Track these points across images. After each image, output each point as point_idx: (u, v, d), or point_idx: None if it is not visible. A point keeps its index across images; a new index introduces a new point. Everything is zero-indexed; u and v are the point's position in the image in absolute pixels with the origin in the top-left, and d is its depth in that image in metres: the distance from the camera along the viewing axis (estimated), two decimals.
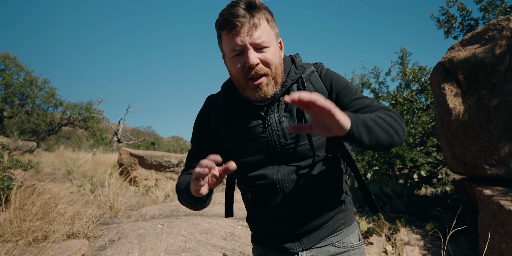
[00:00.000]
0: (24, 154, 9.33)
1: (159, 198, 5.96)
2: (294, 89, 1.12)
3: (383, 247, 3.55)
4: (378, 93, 7.74)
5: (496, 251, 2.86)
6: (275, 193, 1.09)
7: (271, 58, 1.04)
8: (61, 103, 16.08)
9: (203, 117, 1.22)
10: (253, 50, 1.01)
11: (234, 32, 1.00)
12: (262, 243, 1.19)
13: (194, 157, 1.21)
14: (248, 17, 1.00)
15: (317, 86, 1.14)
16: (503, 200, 2.97)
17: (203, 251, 3.02)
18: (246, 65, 1.02)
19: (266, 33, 1.03)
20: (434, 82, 4.03)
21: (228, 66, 1.09)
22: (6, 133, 14.64)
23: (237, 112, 1.14)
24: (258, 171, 1.11)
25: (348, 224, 1.18)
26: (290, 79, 1.11)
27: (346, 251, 1.14)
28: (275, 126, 1.08)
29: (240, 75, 1.04)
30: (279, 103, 1.11)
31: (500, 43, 3.57)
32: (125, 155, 8.04)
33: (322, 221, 1.11)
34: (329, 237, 1.13)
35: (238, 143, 1.13)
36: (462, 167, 3.70)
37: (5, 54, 14.55)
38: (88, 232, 3.52)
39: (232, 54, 1.04)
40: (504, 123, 3.46)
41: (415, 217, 4.55)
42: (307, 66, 1.16)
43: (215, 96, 1.23)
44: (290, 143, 1.08)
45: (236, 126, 1.13)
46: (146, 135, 22.05)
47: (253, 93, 1.06)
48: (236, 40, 1.01)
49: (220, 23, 1.02)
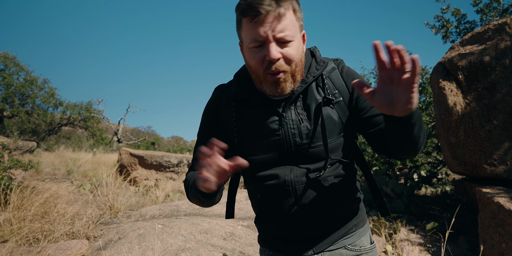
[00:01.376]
0: (24, 154, 9.33)
1: (159, 198, 5.96)
2: (313, 87, 1.05)
3: (383, 247, 3.55)
4: None
5: (496, 251, 2.86)
6: (287, 195, 1.03)
7: (293, 54, 0.96)
8: (61, 103, 16.07)
9: (212, 109, 1.14)
10: (275, 43, 0.93)
11: (257, 20, 0.91)
12: (271, 246, 1.13)
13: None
14: (274, 6, 0.90)
15: (337, 84, 1.06)
16: (503, 200, 2.97)
17: (203, 251, 3.02)
18: (267, 58, 0.94)
19: (291, 26, 0.94)
20: (434, 82, 4.03)
21: (246, 56, 1.01)
22: (6, 133, 14.64)
23: (250, 106, 1.07)
24: (269, 170, 1.05)
25: (360, 226, 1.12)
26: (311, 75, 1.04)
27: (359, 255, 1.09)
28: (291, 124, 1.02)
29: (259, 68, 0.97)
30: (296, 100, 1.03)
31: (500, 43, 3.58)
32: (125, 155, 8.04)
33: (334, 223, 1.06)
34: (342, 239, 1.08)
35: (249, 139, 1.05)
36: (462, 167, 3.70)
37: (5, 54, 14.55)
38: (88, 232, 3.52)
39: (252, 44, 0.95)
40: (504, 123, 3.46)
41: (415, 217, 4.55)
42: (328, 62, 1.08)
43: (226, 87, 1.14)
44: (305, 143, 1.01)
45: (249, 121, 1.06)
46: (146, 135, 22.06)
47: (271, 88, 0.98)
48: (259, 31, 0.92)
49: (242, 8, 0.93)
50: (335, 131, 1.03)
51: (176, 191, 7.40)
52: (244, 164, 0.82)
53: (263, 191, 1.07)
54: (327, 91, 1.03)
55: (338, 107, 1.04)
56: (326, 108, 1.02)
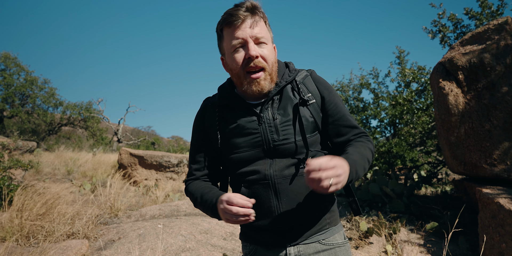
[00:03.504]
0: (24, 154, 9.33)
1: (159, 198, 5.96)
2: (289, 90, 1.19)
3: (383, 247, 3.55)
4: (377, 93, 7.74)
5: (496, 251, 2.86)
6: (267, 188, 1.13)
7: (268, 54, 1.12)
8: (61, 103, 16.08)
9: (199, 120, 1.28)
10: (253, 43, 1.09)
11: (236, 25, 1.08)
12: (251, 239, 1.23)
13: (194, 160, 1.28)
14: (250, 14, 1.09)
15: (310, 88, 1.22)
16: (503, 200, 2.97)
17: (203, 251, 3.02)
18: (246, 57, 1.09)
19: (265, 32, 1.13)
20: (434, 82, 4.03)
21: (228, 62, 1.15)
22: (6, 133, 14.64)
23: (231, 109, 1.20)
24: (250, 166, 1.16)
25: (333, 224, 1.22)
26: (284, 80, 1.19)
27: (332, 248, 1.19)
28: (269, 122, 1.14)
29: (240, 68, 1.11)
30: (273, 102, 1.17)
31: (500, 43, 3.58)
32: (125, 155, 8.04)
33: (310, 217, 1.16)
34: (316, 235, 1.18)
35: (231, 139, 1.17)
36: (462, 167, 3.70)
37: (6, 54, 14.56)
38: (88, 232, 3.52)
39: (232, 48, 1.11)
40: (504, 123, 3.46)
41: (415, 217, 4.55)
42: (300, 71, 1.25)
43: (211, 98, 1.30)
44: (282, 139, 1.14)
45: (230, 122, 1.19)
46: (146, 135, 22.04)
47: (251, 87, 1.12)
48: (237, 34, 1.08)
49: (223, 19, 1.10)
50: (309, 128, 1.17)
51: (176, 191, 7.40)
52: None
53: (245, 186, 1.18)
54: (302, 94, 1.19)
55: (312, 108, 1.19)
56: (302, 108, 1.17)
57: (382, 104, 7.61)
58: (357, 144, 1.16)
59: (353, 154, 1.08)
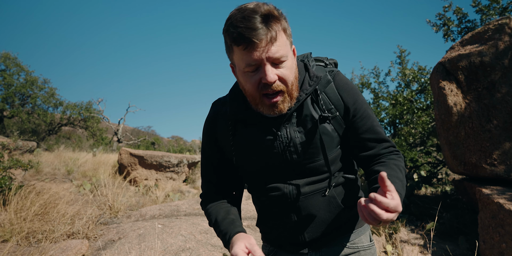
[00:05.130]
0: (24, 154, 9.33)
1: (159, 198, 5.96)
2: (309, 103, 1.05)
3: (383, 247, 3.55)
4: (378, 93, 7.74)
5: (496, 251, 2.86)
6: (287, 206, 1.08)
7: (288, 74, 0.96)
8: (61, 103, 16.08)
9: (210, 129, 1.16)
10: (270, 65, 0.93)
11: (250, 48, 0.90)
12: (272, 243, 1.20)
13: (207, 169, 1.19)
14: (266, 31, 0.89)
15: (333, 99, 1.06)
16: (503, 200, 2.96)
17: (203, 251, 3.02)
18: (263, 81, 0.93)
19: (284, 46, 0.94)
20: (434, 82, 4.03)
21: (240, 79, 1.00)
22: (6, 133, 14.65)
23: (246, 125, 1.08)
24: (268, 184, 1.09)
25: (360, 225, 1.16)
26: (303, 92, 1.03)
27: (356, 252, 1.12)
28: (287, 142, 1.04)
29: (255, 91, 0.96)
30: (291, 118, 1.04)
31: (500, 43, 3.58)
32: (125, 155, 8.04)
33: (330, 227, 1.10)
34: (340, 238, 1.12)
35: (247, 156, 1.09)
36: (462, 167, 3.70)
37: (6, 54, 14.56)
38: (88, 232, 3.51)
39: (247, 69, 0.94)
40: (504, 123, 3.46)
41: (415, 217, 4.54)
42: (322, 76, 1.07)
43: (222, 104, 1.16)
44: (303, 159, 1.05)
45: (245, 139, 1.08)
46: (146, 135, 22.04)
47: (268, 110, 0.99)
48: (253, 56, 0.91)
49: (234, 37, 0.91)
50: (333, 145, 1.06)
51: (176, 191, 7.40)
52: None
53: (264, 200, 1.13)
54: (322, 107, 1.04)
55: (335, 121, 1.06)
56: (323, 124, 1.04)
57: (382, 104, 7.62)
58: (393, 166, 1.01)
59: (396, 182, 0.94)
